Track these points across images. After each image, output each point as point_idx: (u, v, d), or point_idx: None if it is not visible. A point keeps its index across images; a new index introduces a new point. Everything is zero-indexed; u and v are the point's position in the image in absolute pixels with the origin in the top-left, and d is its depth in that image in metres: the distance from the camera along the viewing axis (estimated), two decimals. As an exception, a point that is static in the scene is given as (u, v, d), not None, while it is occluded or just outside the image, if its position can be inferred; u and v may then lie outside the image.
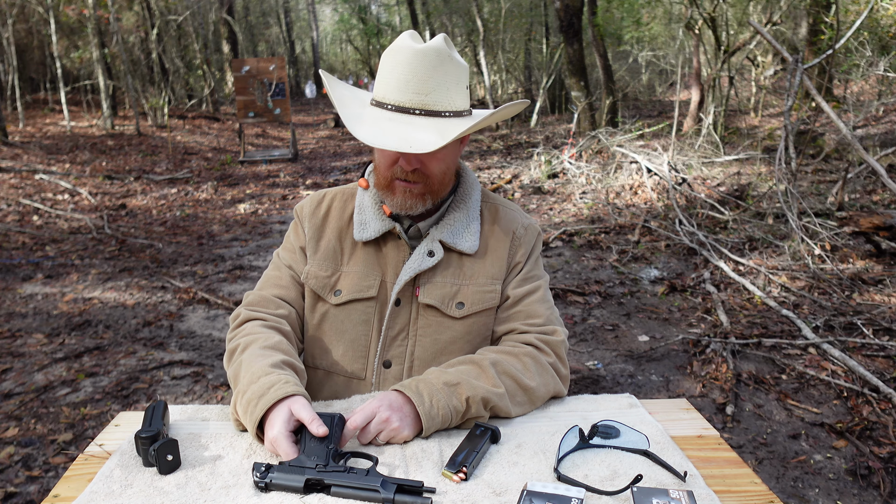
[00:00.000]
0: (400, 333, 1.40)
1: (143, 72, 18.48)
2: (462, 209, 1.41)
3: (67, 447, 2.79)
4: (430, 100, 1.24)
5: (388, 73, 1.26)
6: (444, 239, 1.38)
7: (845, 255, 4.76)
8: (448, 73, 1.25)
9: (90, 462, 1.14)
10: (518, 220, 1.46)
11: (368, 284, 1.40)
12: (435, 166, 1.31)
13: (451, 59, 1.25)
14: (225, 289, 5.01)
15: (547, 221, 6.95)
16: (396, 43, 1.27)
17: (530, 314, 1.39)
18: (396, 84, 1.24)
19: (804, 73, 4.94)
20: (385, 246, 1.42)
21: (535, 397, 1.30)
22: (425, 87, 1.23)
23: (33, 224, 7.08)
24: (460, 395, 1.20)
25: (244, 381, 1.21)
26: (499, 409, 1.24)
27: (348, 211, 1.46)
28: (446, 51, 1.25)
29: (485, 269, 1.41)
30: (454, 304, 1.38)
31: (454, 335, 1.39)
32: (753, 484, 1.06)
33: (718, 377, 3.25)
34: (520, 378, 1.28)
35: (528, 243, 1.45)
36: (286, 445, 1.09)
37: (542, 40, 18.76)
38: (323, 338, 1.43)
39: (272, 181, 10.33)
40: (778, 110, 13.37)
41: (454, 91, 1.26)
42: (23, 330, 4.15)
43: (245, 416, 1.17)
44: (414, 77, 1.23)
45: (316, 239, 1.45)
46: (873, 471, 2.46)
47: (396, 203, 1.33)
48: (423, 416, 1.16)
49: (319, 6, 39.67)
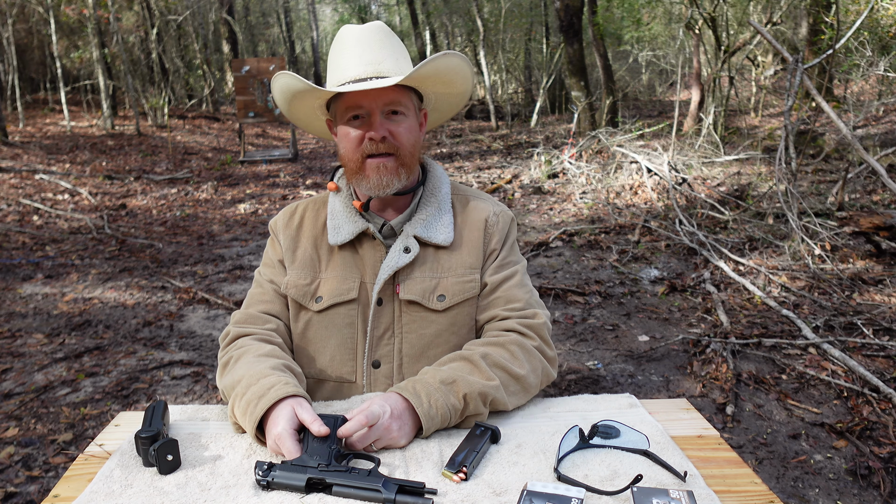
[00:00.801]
0: (385, 332, 1.40)
1: (143, 72, 18.48)
2: (433, 203, 1.43)
3: (67, 447, 2.79)
4: (382, 68, 1.32)
5: (339, 55, 1.35)
6: (418, 234, 1.39)
7: (845, 255, 4.76)
8: (394, 45, 1.35)
9: (90, 462, 1.14)
10: (489, 209, 1.47)
11: (348, 287, 1.40)
12: (404, 135, 1.35)
13: (393, 35, 1.36)
14: (225, 289, 5.01)
15: (547, 221, 6.95)
16: (339, 33, 1.37)
17: (510, 299, 1.40)
18: (349, 61, 1.33)
19: (804, 73, 4.94)
20: (361, 248, 1.42)
21: (527, 385, 1.31)
22: (377, 58, 1.33)
23: (33, 224, 7.09)
24: (457, 393, 1.20)
25: (242, 385, 1.21)
26: (497, 402, 1.24)
27: (321, 219, 1.47)
28: (387, 28, 1.37)
29: (461, 259, 1.42)
30: (435, 298, 1.39)
31: (439, 328, 1.39)
32: (753, 484, 1.06)
33: (718, 377, 3.25)
34: (510, 367, 1.28)
35: (502, 230, 1.46)
36: (290, 443, 1.09)
37: (542, 40, 18.76)
38: (309, 346, 1.44)
39: (272, 181, 10.33)
40: (778, 110, 13.38)
41: (402, 61, 1.36)
42: (23, 330, 4.15)
43: (244, 416, 1.16)
44: (364, 51, 1.33)
45: (292, 249, 1.46)
46: (873, 471, 2.46)
47: (371, 184, 1.35)
48: (422, 416, 1.16)
49: (319, 6, 39.67)
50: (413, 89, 1.39)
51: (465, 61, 1.35)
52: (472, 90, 1.50)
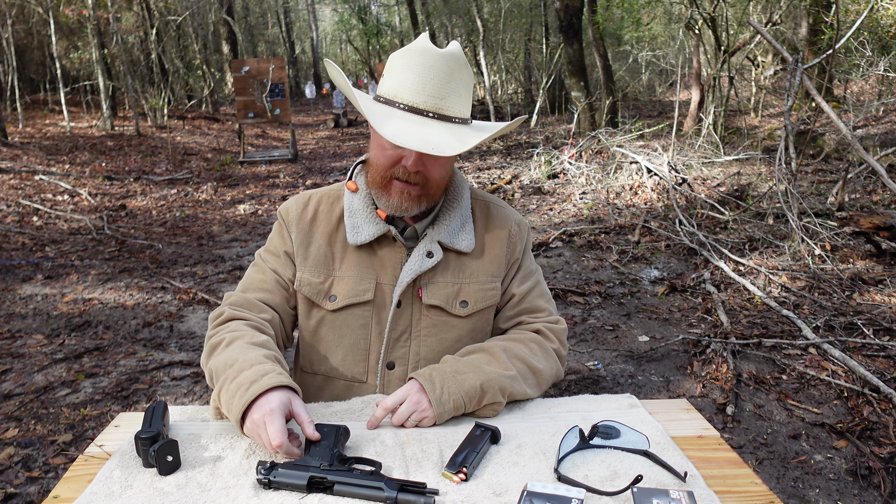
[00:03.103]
0: (402, 335, 1.40)
1: (143, 72, 18.48)
2: (455, 209, 1.42)
3: (67, 448, 2.79)
4: (444, 104, 1.25)
5: (402, 72, 1.25)
6: (441, 239, 1.38)
7: (845, 256, 4.76)
8: (462, 80, 1.27)
9: (90, 463, 1.14)
10: (511, 218, 1.49)
11: (364, 288, 1.39)
12: (437, 171, 1.31)
13: (465, 67, 1.27)
14: (225, 289, 5.01)
15: (547, 221, 6.95)
16: (415, 45, 1.27)
17: (534, 309, 1.47)
18: (412, 85, 1.24)
19: (804, 73, 4.94)
20: (380, 249, 1.40)
21: (542, 379, 1.36)
22: (441, 92, 1.24)
23: (33, 225, 7.08)
24: (473, 382, 1.23)
25: (234, 369, 1.17)
26: (514, 392, 1.28)
27: (336, 213, 1.43)
28: (463, 58, 1.27)
29: (483, 267, 1.43)
30: (458, 303, 1.40)
31: (459, 333, 1.41)
32: (754, 484, 1.06)
33: (718, 377, 3.25)
34: (529, 360, 1.34)
35: (523, 240, 1.49)
36: (279, 421, 1.05)
37: (542, 40, 18.76)
38: (320, 343, 1.43)
39: (272, 182, 10.32)
40: (778, 110, 13.38)
41: (464, 98, 1.28)
42: (22, 331, 4.15)
43: (232, 399, 1.12)
44: (431, 80, 1.23)
45: (305, 245, 1.42)
46: (874, 471, 2.46)
47: (392, 204, 1.33)
48: (434, 402, 1.19)
49: (319, 6, 39.67)
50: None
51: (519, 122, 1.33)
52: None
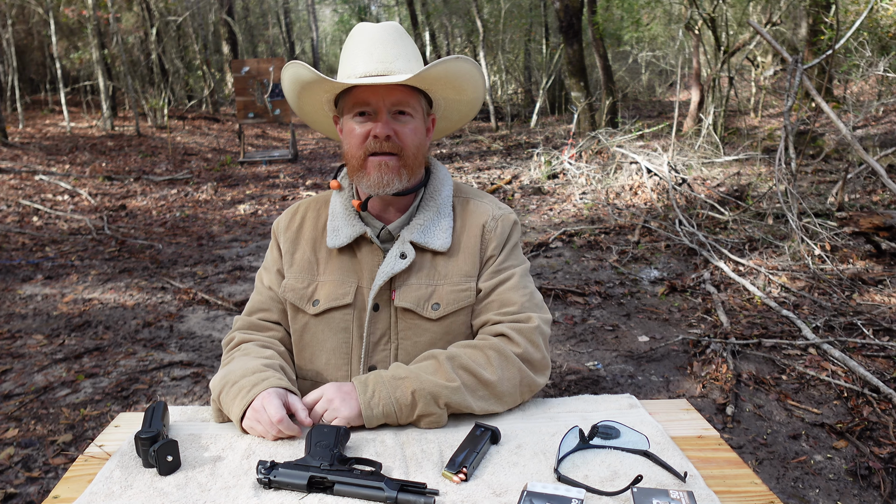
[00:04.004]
0: (382, 338, 1.40)
1: (143, 72, 18.48)
2: (432, 206, 1.41)
3: (67, 448, 2.79)
4: (394, 66, 1.31)
5: (351, 52, 1.34)
6: (414, 239, 1.37)
7: (845, 256, 4.76)
8: (407, 46, 1.34)
9: (90, 463, 1.14)
10: (488, 212, 1.43)
11: (344, 292, 1.40)
12: (409, 138, 1.33)
13: (406, 35, 1.35)
14: (225, 289, 5.01)
15: (547, 222, 6.95)
16: (354, 30, 1.36)
17: (504, 302, 1.37)
18: (362, 57, 1.31)
19: (804, 74, 4.94)
20: (360, 252, 1.41)
21: (498, 392, 1.26)
22: (389, 56, 1.31)
23: (33, 225, 7.08)
24: (405, 389, 1.21)
25: (236, 374, 1.25)
26: (454, 404, 1.22)
27: (322, 220, 1.47)
28: (402, 28, 1.35)
29: (458, 267, 1.39)
30: (430, 306, 1.37)
31: (433, 336, 1.38)
32: (753, 484, 1.06)
33: (718, 377, 3.25)
34: (478, 372, 1.25)
35: (501, 235, 1.41)
36: (277, 402, 1.16)
37: (542, 41, 18.76)
38: (306, 349, 1.45)
39: (272, 182, 10.32)
40: (778, 110, 13.38)
41: (414, 62, 1.34)
42: (22, 331, 4.15)
43: (234, 400, 1.21)
44: (377, 49, 1.31)
45: (291, 252, 1.47)
46: (873, 471, 2.46)
47: (372, 181, 1.33)
48: (362, 405, 1.20)
49: (319, 7, 39.66)
50: (423, 93, 1.37)
51: (477, 68, 1.34)
52: (483, 100, 1.48)
